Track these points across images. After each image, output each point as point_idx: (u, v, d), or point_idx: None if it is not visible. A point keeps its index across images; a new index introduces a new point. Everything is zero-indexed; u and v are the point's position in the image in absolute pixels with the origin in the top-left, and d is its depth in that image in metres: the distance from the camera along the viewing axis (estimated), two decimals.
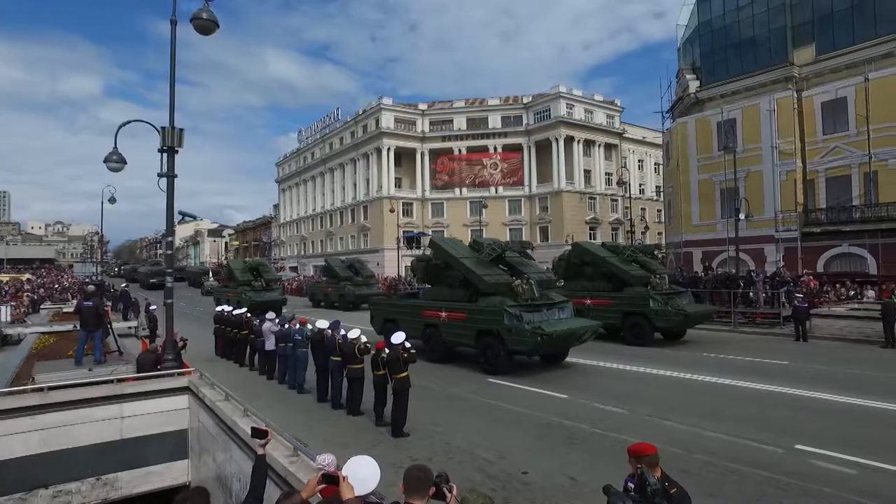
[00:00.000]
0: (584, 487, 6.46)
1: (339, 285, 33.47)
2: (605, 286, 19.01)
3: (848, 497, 6.03)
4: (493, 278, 13.83)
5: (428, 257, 17.09)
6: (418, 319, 15.71)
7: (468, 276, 14.22)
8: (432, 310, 15.33)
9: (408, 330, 15.54)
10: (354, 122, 65.63)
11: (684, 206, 33.57)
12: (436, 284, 16.57)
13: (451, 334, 14.65)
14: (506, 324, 12.69)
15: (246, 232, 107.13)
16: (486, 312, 13.45)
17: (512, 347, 12.84)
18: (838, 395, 10.56)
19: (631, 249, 20.16)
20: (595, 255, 19.50)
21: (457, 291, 15.00)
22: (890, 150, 25.33)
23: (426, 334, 15.46)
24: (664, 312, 17.28)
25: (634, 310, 17.74)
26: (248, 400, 8.69)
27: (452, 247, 15.64)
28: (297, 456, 5.78)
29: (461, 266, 14.40)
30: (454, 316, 14.46)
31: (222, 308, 17.34)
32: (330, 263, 35.80)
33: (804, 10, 30.40)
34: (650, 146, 64.65)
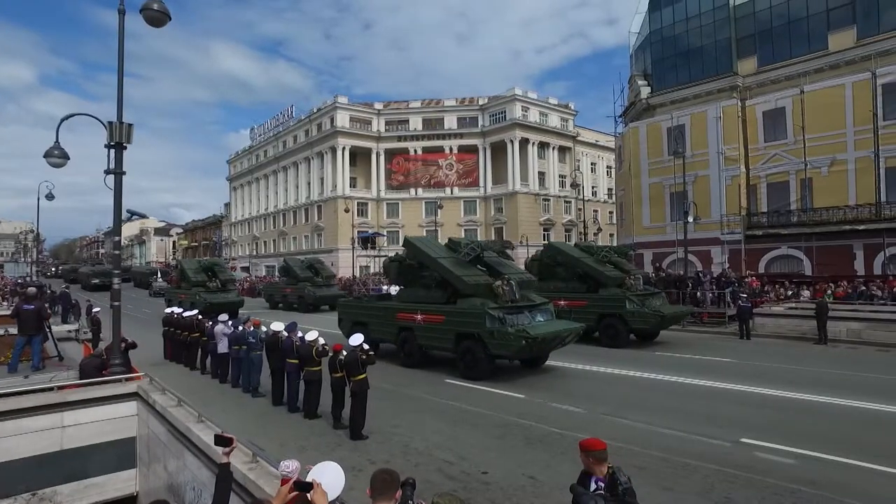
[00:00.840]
0: (544, 486, 6.57)
1: (299, 286, 32.38)
2: (580, 287, 18.79)
3: (787, 486, 6.38)
4: (473, 279, 13.23)
5: (401, 257, 16.33)
6: (392, 322, 15.08)
7: (446, 277, 13.68)
8: (407, 312, 14.71)
9: (381, 334, 15.44)
10: (309, 120, 64.58)
11: (636, 208, 34.57)
12: (410, 286, 15.70)
13: (428, 338, 14.09)
14: (487, 327, 12.21)
15: (195, 231, 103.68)
16: (465, 315, 12.91)
17: (494, 351, 12.33)
18: (778, 390, 11.13)
19: (606, 250, 19.96)
20: (569, 255, 19.29)
21: (433, 293, 14.37)
22: (823, 158, 26.83)
23: (401, 338, 14.88)
24: (640, 314, 17.15)
25: (610, 311, 17.57)
26: (201, 405, 8.41)
27: (428, 246, 14.97)
28: (256, 462, 5.63)
29: (438, 266, 13.82)
30: (431, 318, 13.87)
31: (172, 310, 16.74)
32: (288, 263, 34.66)
33: (747, 23, 31.86)
34: (603, 149, 66.26)
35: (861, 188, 25.79)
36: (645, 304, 17.53)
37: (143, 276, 60.85)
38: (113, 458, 9.10)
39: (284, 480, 4.10)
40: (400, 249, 65.21)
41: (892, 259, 24.56)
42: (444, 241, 16.11)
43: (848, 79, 26.42)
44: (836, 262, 25.80)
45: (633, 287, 18.27)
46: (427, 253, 14.33)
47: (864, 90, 25.58)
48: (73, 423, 8.70)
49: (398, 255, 16.75)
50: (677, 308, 19.64)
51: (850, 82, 26.21)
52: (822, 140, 26.72)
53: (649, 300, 17.89)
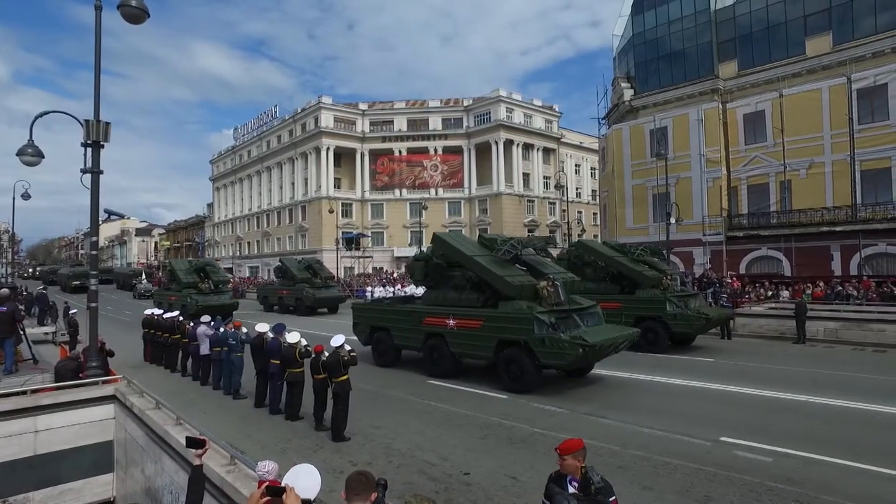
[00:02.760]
0: (526, 486, 6.58)
1: (296, 287, 30.58)
2: (612, 288, 17.69)
3: (766, 484, 6.47)
4: (517, 280, 11.93)
5: (427, 255, 14.69)
6: (418, 328, 13.63)
7: (485, 277, 12.32)
8: (436, 316, 13.20)
9: (404, 340, 14.25)
10: (293, 120, 64.15)
11: (619, 209, 34.86)
12: (438, 287, 14.08)
13: (462, 345, 12.66)
14: (536, 333, 10.90)
15: (178, 231, 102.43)
16: (509, 320, 11.53)
17: (544, 361, 10.98)
18: (757, 389, 11.29)
19: (641, 249, 18.69)
20: (602, 254, 18.20)
21: (467, 295, 12.99)
22: (801, 160, 27.31)
23: (428, 345, 13.43)
24: (683, 316, 16.01)
25: (649, 314, 16.37)
26: (181, 407, 8.30)
27: (461, 243, 13.54)
28: (234, 465, 5.55)
29: (475, 266, 12.41)
30: (466, 324, 12.47)
31: (152, 311, 16.50)
32: (285, 264, 32.86)
33: (727, 27, 32.31)
34: (587, 151, 66.72)
35: (838, 190, 26.29)
36: (688, 305, 16.49)
37: (126, 278, 59.54)
38: (89, 462, 8.92)
39: (262, 482, 4.06)
40: (390, 251, 64.36)
41: (867, 260, 25.06)
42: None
43: (824, 83, 26.92)
44: (814, 263, 26.26)
45: (671, 288, 17.23)
46: (461, 250, 12.85)
47: (840, 94, 26.07)
48: (47, 428, 8.51)
49: (423, 254, 15.09)
50: (721, 310, 18.65)
51: (826, 86, 26.71)
52: (801, 143, 27.20)
53: (690, 301, 16.87)
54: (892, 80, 24.81)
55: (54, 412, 8.63)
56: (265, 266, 67.92)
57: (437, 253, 14.03)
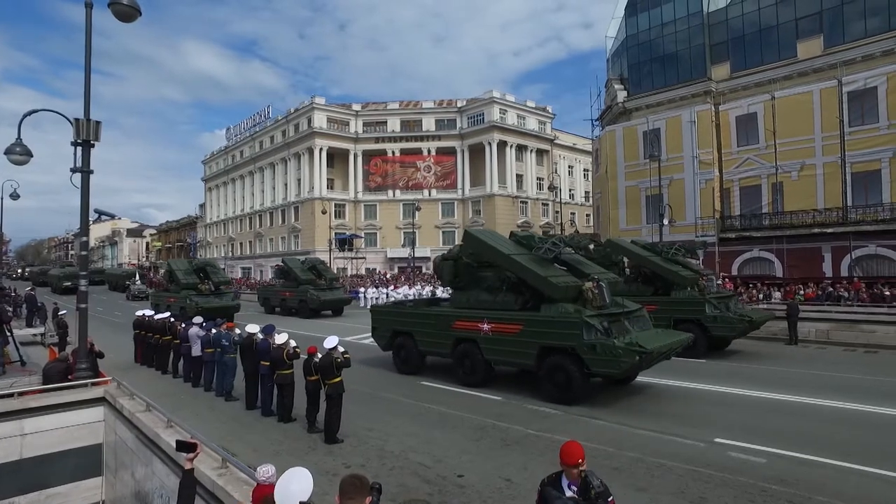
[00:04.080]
0: (520, 488, 6.54)
1: (300, 289, 29.38)
2: (645, 290, 16.84)
3: (759, 485, 6.47)
4: (562, 281, 11.09)
5: (456, 255, 13.64)
6: (446, 332, 12.71)
7: (525, 278, 11.45)
8: (468, 320, 12.28)
9: (430, 346, 13.33)
10: (286, 120, 63.93)
11: (612, 211, 34.94)
12: (469, 288, 13.04)
13: (498, 351, 11.76)
14: (585, 339, 10.08)
15: (169, 232, 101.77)
16: (555, 324, 10.65)
17: (594, 369, 10.13)
18: (750, 390, 11.32)
19: (675, 248, 17.85)
20: (635, 254, 17.44)
21: (503, 297, 12.05)
22: (792, 162, 27.47)
23: (459, 351, 12.49)
24: (725, 319, 15.29)
25: (686, 316, 15.55)
26: (172, 409, 8.21)
27: (497, 241, 12.59)
28: (226, 468, 5.48)
29: (514, 266, 11.52)
30: (503, 328, 11.55)
31: (143, 312, 16.35)
32: (288, 264, 31.63)
33: (720, 30, 32.49)
34: (580, 152, 66.91)
35: (829, 192, 26.45)
36: (728, 307, 15.80)
37: (119, 279, 58.73)
38: (77, 466, 8.81)
39: (261, 487, 4.00)
40: (383, 252, 64.21)
41: (857, 261, 25.23)
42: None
43: (816, 86, 27.10)
44: (805, 265, 26.42)
45: (707, 289, 16.56)
46: (497, 249, 11.95)
47: (831, 97, 26.24)
48: (35, 431, 8.39)
49: (452, 252, 14.03)
50: (763, 312, 17.90)
51: (817, 89, 26.88)
52: (792, 145, 27.35)
53: (729, 303, 16.16)
54: (882, 83, 25.00)
55: (42, 415, 8.52)
56: (258, 267, 67.66)
57: (467, 252, 13.20)
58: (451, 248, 14.42)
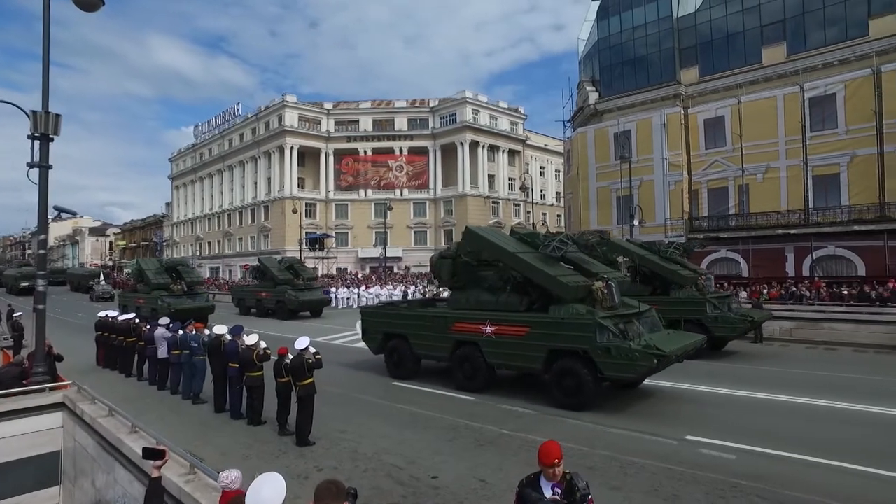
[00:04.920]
0: (495, 489, 6.51)
1: (277, 289, 28.54)
2: (643, 289, 16.35)
3: (730, 481, 6.58)
4: (572, 280, 10.63)
5: (454, 253, 13.00)
6: (444, 335, 12.12)
7: (532, 278, 10.91)
8: (469, 322, 11.72)
9: (427, 349, 12.67)
10: (256, 118, 62.90)
11: (583, 211, 35.31)
12: (468, 288, 12.49)
13: (502, 355, 11.20)
14: (599, 342, 9.62)
15: (134, 231, 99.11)
16: (565, 326, 10.16)
17: (608, 373, 9.65)
18: (718, 388, 11.55)
19: (673, 248, 17.64)
20: (634, 253, 17.13)
21: (507, 298, 11.48)
22: (758, 165, 28.20)
23: (458, 355, 11.91)
24: (726, 319, 15.11)
25: (686, 317, 15.10)
26: (136, 414, 7.91)
27: (500, 239, 12.07)
28: (193, 473, 5.29)
29: (521, 265, 10.99)
30: (508, 330, 11.02)
31: (106, 313, 15.81)
32: (264, 264, 30.58)
33: (689, 35, 33.17)
34: (551, 153, 67.53)
35: (792, 195, 27.24)
36: (729, 307, 15.65)
37: (82, 279, 56.55)
38: (33, 475, 8.37)
39: (226, 493, 3.85)
40: (354, 251, 63.29)
41: (818, 262, 26.04)
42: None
43: (779, 91, 27.87)
44: (769, 265, 27.14)
45: (705, 288, 16.35)
46: (503, 247, 11.37)
47: (793, 102, 27.03)
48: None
49: (450, 251, 13.38)
50: (763, 311, 17.83)
51: (781, 94, 27.64)
52: (758, 148, 28.07)
53: (729, 303, 16.04)
54: (840, 90, 25.86)
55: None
56: (226, 267, 66.42)
57: (466, 250, 12.57)
58: (449, 246, 13.82)
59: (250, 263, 60.82)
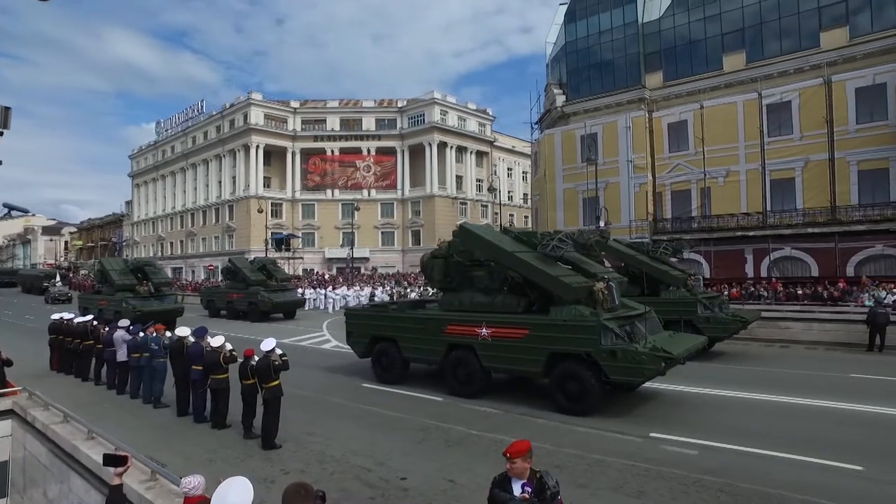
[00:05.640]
0: (464, 489, 6.52)
1: (250, 291, 27.63)
2: (633, 290, 15.75)
3: (692, 476, 6.75)
4: (574, 280, 10.26)
5: (445, 252, 12.56)
6: (437, 338, 11.61)
7: (532, 278, 10.50)
8: (463, 324, 11.24)
9: (418, 352, 12.16)
10: (221, 116, 61.59)
11: (550, 212, 35.73)
12: (461, 289, 12.02)
13: (499, 358, 10.76)
14: (604, 345, 9.29)
15: (92, 230, 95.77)
16: (568, 329, 9.76)
17: (613, 377, 9.33)
18: (679, 385, 11.80)
19: (663, 247, 17.41)
20: (624, 253, 16.90)
21: (504, 299, 11.05)
22: (719, 169, 29.06)
23: (451, 359, 11.43)
24: (717, 320, 15.04)
25: (677, 317, 14.68)
26: (94, 420, 7.65)
27: (496, 238, 11.61)
28: (155, 480, 5.14)
29: (521, 265, 10.57)
30: (505, 333, 10.57)
31: (60, 315, 15.20)
32: (236, 264, 29.49)
33: (653, 40, 33.99)
34: (519, 155, 68.16)
35: (751, 198, 28.15)
36: (720, 308, 15.56)
37: (35, 280, 54.08)
38: None
39: (188, 499, 3.74)
40: (321, 252, 62.50)
41: (775, 263, 26.99)
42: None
43: (739, 97, 28.79)
44: (729, 266, 27.98)
45: (694, 289, 16.22)
46: (500, 247, 10.91)
47: (752, 108, 27.96)
48: None
49: (441, 250, 12.89)
50: (752, 311, 17.79)
51: (741, 101, 28.57)
52: (719, 152, 28.92)
53: (719, 303, 15.92)
54: (795, 98, 26.88)
55: None
56: (189, 267, 64.86)
57: (458, 249, 12.15)
58: (440, 245, 13.32)
59: (214, 264, 59.97)
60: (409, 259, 57.18)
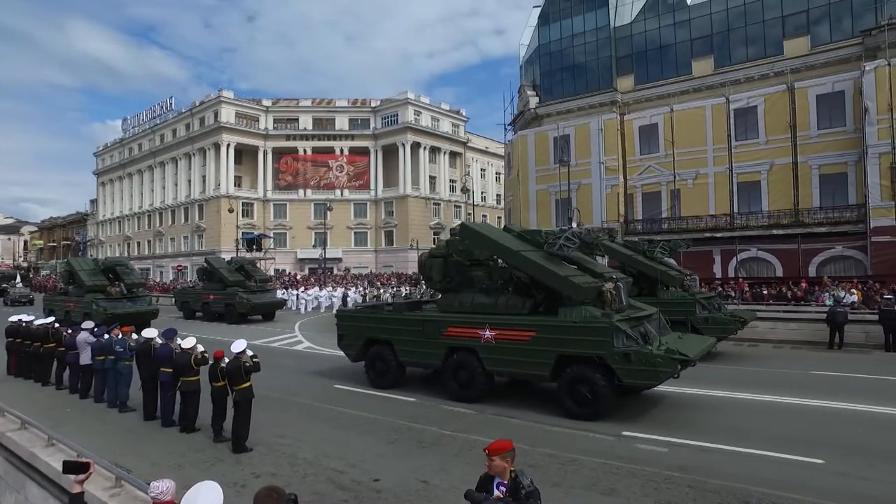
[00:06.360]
0: (437, 489, 6.50)
1: (227, 292, 26.78)
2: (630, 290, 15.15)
3: (663, 473, 6.86)
4: (584, 280, 9.87)
5: (445, 251, 12.12)
6: (436, 340, 11.14)
7: (540, 278, 10.11)
8: (465, 326, 10.80)
9: (415, 356, 11.70)
10: (191, 113, 60.39)
11: (523, 213, 36.00)
12: (460, 289, 11.58)
13: (503, 362, 10.37)
14: (616, 347, 8.95)
15: (54, 229, 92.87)
16: (578, 331, 9.39)
17: (627, 380, 9.01)
18: None
19: (660, 248, 17.21)
20: (621, 253, 16.55)
21: (508, 300, 10.62)
22: (689, 171, 29.73)
23: (452, 362, 10.97)
24: (716, 320, 14.89)
25: (675, 318, 14.10)
26: (54, 425, 7.40)
27: (499, 236, 11.23)
28: (119, 486, 4.99)
29: (527, 264, 10.19)
30: (510, 335, 10.17)
31: (18, 317, 14.64)
32: (213, 265, 28.62)
33: (625, 44, 34.58)
34: (492, 156, 68.53)
35: (719, 200, 28.87)
36: (719, 308, 15.43)
37: None
38: None
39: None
40: (293, 252, 61.73)
41: (742, 263, 27.72)
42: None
43: (707, 102, 29.49)
44: (699, 266, 28.40)
45: (691, 289, 16.06)
46: (506, 246, 10.56)
47: (720, 113, 28.68)
48: None
49: (440, 249, 12.44)
50: (748, 311, 17.76)
51: (709, 105, 29.26)
52: (688, 155, 29.58)
53: (718, 304, 15.78)
54: (761, 103, 27.66)
55: None
56: (157, 268, 63.44)
57: (457, 248, 11.72)
58: (438, 244, 12.85)
59: (184, 264, 58.76)
60: (382, 259, 56.99)
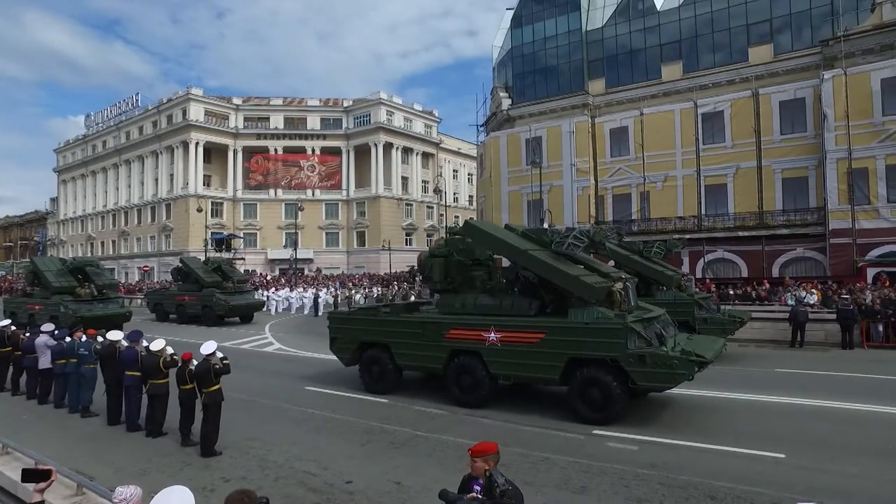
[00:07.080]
0: (410, 490, 6.49)
1: (203, 293, 25.93)
2: None
3: (632, 470, 6.98)
4: (594, 280, 9.54)
5: (445, 251, 11.70)
6: (437, 344, 10.71)
7: (550, 278, 9.72)
8: (468, 328, 10.36)
9: (414, 360, 11.27)
10: (158, 111, 58.98)
11: (495, 214, 36.16)
12: (462, 289, 11.20)
13: (510, 365, 9.95)
14: (630, 349, 8.69)
15: (10, 228, 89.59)
16: (591, 332, 9.07)
17: (644, 383, 8.77)
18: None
19: (656, 248, 16.99)
20: (618, 254, 16.31)
21: (514, 301, 10.27)
22: (658, 174, 30.36)
23: (455, 366, 10.54)
24: (716, 320, 14.74)
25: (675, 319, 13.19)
26: (10, 433, 7.14)
27: (504, 234, 10.90)
28: (81, 494, 4.84)
29: (536, 264, 9.84)
30: (517, 338, 9.78)
31: None
32: (188, 265, 27.68)
33: (596, 48, 35.13)
34: (465, 157, 68.77)
35: (687, 202, 29.54)
36: (719, 308, 15.32)
37: None
38: None
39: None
40: (263, 252, 60.88)
41: (709, 264, 28.41)
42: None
43: (676, 106, 30.16)
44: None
45: (688, 289, 15.98)
46: (513, 245, 10.20)
47: (688, 117, 29.36)
48: None
49: (440, 248, 12.08)
50: (744, 311, 17.73)
51: (678, 109, 29.93)
52: (658, 158, 30.20)
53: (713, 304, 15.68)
54: (727, 108, 28.43)
55: None
56: (122, 269, 61.75)
57: (458, 247, 11.31)
58: (437, 243, 12.43)
59: (150, 265, 57.37)
60: (354, 260, 56.64)
